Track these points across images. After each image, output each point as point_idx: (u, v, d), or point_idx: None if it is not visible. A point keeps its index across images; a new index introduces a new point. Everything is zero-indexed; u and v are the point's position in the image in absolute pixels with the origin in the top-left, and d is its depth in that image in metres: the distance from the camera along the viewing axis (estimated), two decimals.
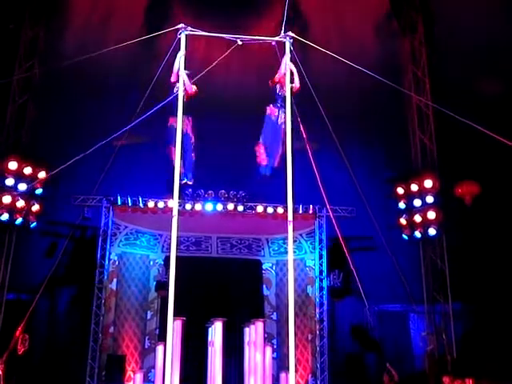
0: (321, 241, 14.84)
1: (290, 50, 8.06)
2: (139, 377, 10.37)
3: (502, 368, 10.98)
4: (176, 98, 7.84)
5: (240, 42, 8.27)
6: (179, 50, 7.91)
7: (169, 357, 6.75)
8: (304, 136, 8.13)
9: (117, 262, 14.56)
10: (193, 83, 8.10)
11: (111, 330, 14.06)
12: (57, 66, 11.91)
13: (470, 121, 7.95)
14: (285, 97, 7.90)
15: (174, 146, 7.69)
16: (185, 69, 7.86)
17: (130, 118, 8.90)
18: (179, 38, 7.96)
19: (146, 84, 9.55)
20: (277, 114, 7.98)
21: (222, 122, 14.27)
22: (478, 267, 13.56)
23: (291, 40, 8.05)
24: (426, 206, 13.43)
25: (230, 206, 14.41)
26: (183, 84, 7.80)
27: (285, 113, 7.85)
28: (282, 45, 8.09)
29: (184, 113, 7.62)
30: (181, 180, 7.75)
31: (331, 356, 14.30)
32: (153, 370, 12.04)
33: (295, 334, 7.60)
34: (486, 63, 13.54)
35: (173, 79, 8.07)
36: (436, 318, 13.30)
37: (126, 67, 13.87)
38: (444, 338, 12.98)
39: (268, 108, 8.10)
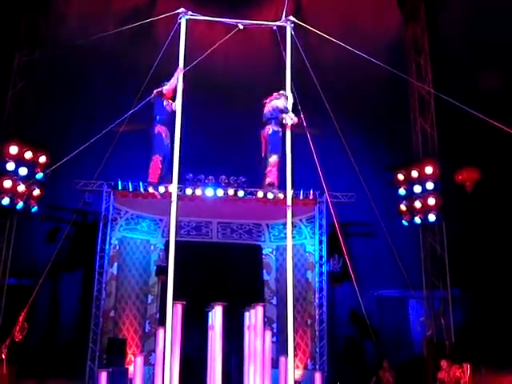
0: (321, 226, 14.88)
1: (291, 35, 8.03)
2: (140, 360, 10.42)
3: (500, 353, 11.08)
4: (162, 108, 7.98)
5: (241, 26, 8.26)
6: (179, 34, 7.87)
7: (169, 340, 6.82)
8: (304, 122, 8.12)
9: (117, 247, 14.62)
10: (193, 67, 8.11)
11: (112, 314, 14.16)
12: (57, 50, 11.89)
13: (471, 108, 7.95)
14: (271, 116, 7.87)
15: (160, 155, 7.91)
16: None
17: (130, 103, 8.89)
18: (179, 23, 7.94)
19: (146, 68, 9.53)
20: (268, 130, 7.95)
21: (222, 109, 14.25)
22: (477, 253, 13.61)
23: (292, 24, 8.02)
24: (426, 193, 13.46)
25: (231, 192, 14.43)
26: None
27: (277, 124, 7.85)
28: (282, 30, 8.07)
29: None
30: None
31: (330, 341, 14.41)
32: (153, 354, 12.12)
33: (295, 319, 7.68)
34: (488, 51, 13.47)
35: (165, 91, 8.09)
36: (435, 304, 13.37)
37: (126, 52, 13.82)
38: (442, 324, 13.06)
39: (262, 132, 8.06)
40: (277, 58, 8.23)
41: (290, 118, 7.83)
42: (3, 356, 10.97)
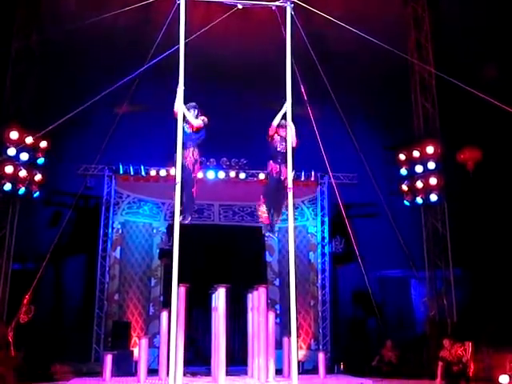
0: (322, 207, 14.92)
1: (291, 16, 7.98)
2: (144, 342, 10.53)
3: (501, 331, 11.14)
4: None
5: (240, 6, 8.23)
6: (179, 16, 7.80)
7: (173, 323, 6.87)
8: (306, 101, 8.10)
9: (120, 231, 14.68)
10: (192, 50, 8.05)
11: (116, 297, 14.26)
12: (57, 31, 11.79)
13: (473, 88, 7.91)
14: (284, 153, 7.87)
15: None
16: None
17: (131, 84, 8.86)
18: (178, 4, 7.88)
19: (146, 49, 9.48)
20: (278, 169, 7.97)
21: (223, 90, 14.18)
22: (478, 233, 13.63)
23: (292, 5, 7.96)
24: (427, 172, 13.43)
25: (232, 174, 14.44)
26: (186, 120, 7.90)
27: (286, 167, 7.82)
28: (282, 11, 8.01)
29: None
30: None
31: (333, 321, 14.51)
32: (158, 336, 12.23)
33: (297, 300, 7.72)
34: (490, 31, 13.36)
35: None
36: (437, 284, 13.43)
37: (126, 33, 13.71)
38: (445, 303, 13.13)
39: (269, 164, 8.08)
40: (277, 38, 8.17)
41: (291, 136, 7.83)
42: (10, 339, 11.07)
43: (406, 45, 13.81)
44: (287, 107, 7.82)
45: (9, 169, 12.30)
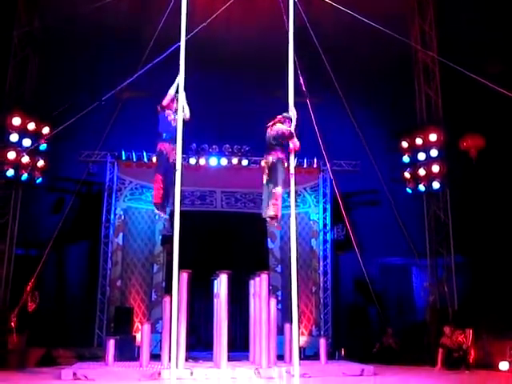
0: (325, 195, 14.93)
1: (294, 1, 7.92)
2: (147, 328, 10.60)
3: (501, 319, 11.18)
4: (165, 123, 7.68)
5: None
6: (181, 3, 7.75)
7: (175, 309, 6.91)
8: (304, 90, 8.06)
9: (122, 217, 14.71)
10: (194, 36, 7.99)
11: (118, 283, 14.33)
12: (59, 18, 11.75)
13: (477, 75, 7.88)
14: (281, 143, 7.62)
15: (161, 174, 7.71)
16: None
17: (133, 70, 8.84)
18: None
19: (148, 35, 9.44)
20: (278, 156, 7.69)
21: (224, 77, 14.13)
22: (480, 221, 13.63)
23: None
24: (430, 160, 13.40)
25: (235, 161, 14.43)
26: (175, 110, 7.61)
27: (281, 151, 7.60)
28: None
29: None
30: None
31: (335, 308, 14.57)
32: (160, 322, 12.31)
33: (299, 287, 7.75)
34: (494, 17, 13.25)
35: (164, 103, 7.76)
36: (438, 271, 13.46)
37: (127, 19, 13.65)
38: (446, 291, 13.17)
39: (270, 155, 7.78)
40: (279, 23, 8.12)
41: (293, 144, 7.63)
42: (12, 325, 11.16)
43: (409, 32, 13.72)
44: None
45: (11, 155, 12.32)
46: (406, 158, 13.73)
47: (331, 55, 9.40)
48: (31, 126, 12.61)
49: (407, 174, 13.66)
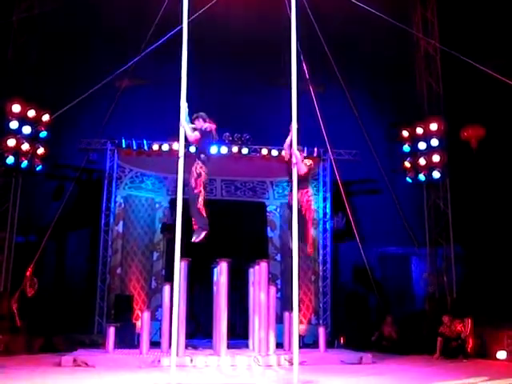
0: (325, 184, 14.91)
1: None
2: (147, 315, 10.64)
3: (500, 308, 11.23)
4: None
5: None
6: None
7: (175, 296, 6.93)
8: (308, 78, 8.04)
9: (123, 205, 14.70)
10: (195, 21, 7.94)
11: (118, 271, 14.35)
12: (59, 2, 11.67)
13: (478, 65, 7.84)
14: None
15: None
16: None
17: (133, 57, 8.80)
18: None
19: (148, 20, 9.39)
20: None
21: (225, 65, 14.08)
22: (480, 211, 13.64)
23: None
24: (430, 149, 13.39)
25: (235, 149, 14.40)
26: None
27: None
28: None
29: None
30: None
31: (334, 296, 14.62)
32: (160, 309, 12.35)
33: (299, 275, 7.77)
34: (498, 6, 13.17)
35: (191, 139, 8.22)
36: (437, 261, 13.49)
37: (127, 4, 13.56)
38: (445, 280, 13.21)
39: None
40: (281, 12, 8.07)
41: (294, 156, 7.85)
42: (14, 309, 11.21)
43: (411, 20, 13.65)
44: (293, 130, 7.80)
45: (11, 142, 12.29)
46: (406, 148, 13.70)
47: (333, 44, 9.36)
48: (31, 113, 12.56)
49: (407, 164, 13.64)
